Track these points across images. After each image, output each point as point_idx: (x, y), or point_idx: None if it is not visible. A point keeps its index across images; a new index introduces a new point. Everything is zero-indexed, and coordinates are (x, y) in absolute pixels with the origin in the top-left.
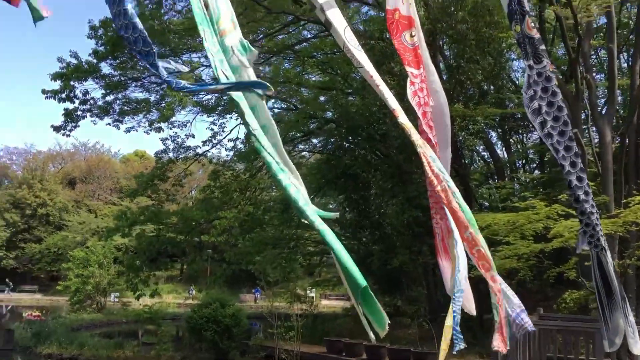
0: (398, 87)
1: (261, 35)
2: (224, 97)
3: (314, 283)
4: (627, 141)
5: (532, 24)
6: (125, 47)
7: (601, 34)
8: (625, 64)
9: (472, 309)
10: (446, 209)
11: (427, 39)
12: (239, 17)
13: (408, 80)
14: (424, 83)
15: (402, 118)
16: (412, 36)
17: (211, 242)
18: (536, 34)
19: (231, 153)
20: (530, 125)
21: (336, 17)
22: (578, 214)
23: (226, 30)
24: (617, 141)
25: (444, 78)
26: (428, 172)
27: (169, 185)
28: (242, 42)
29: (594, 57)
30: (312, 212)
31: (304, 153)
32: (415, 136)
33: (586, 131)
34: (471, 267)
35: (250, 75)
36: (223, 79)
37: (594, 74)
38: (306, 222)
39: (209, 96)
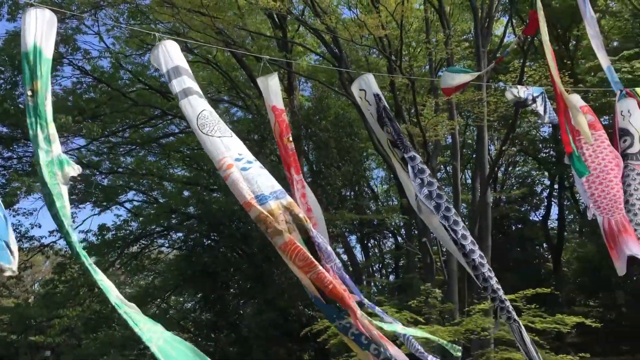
0: None
1: (126, 127)
2: (79, 186)
3: None
4: None
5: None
6: None
7: (448, 152)
8: (470, 180)
9: None
10: None
11: (294, 143)
12: (103, 107)
13: (294, 184)
14: (305, 188)
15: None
16: (290, 141)
17: (47, 343)
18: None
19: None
20: (386, 231)
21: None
22: (489, 294)
23: (55, 136)
24: None
25: (308, 181)
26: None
27: (3, 278)
28: (60, 158)
29: (442, 172)
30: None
31: (162, 248)
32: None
33: (434, 240)
34: None
35: (63, 192)
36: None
37: (442, 188)
38: None
39: None
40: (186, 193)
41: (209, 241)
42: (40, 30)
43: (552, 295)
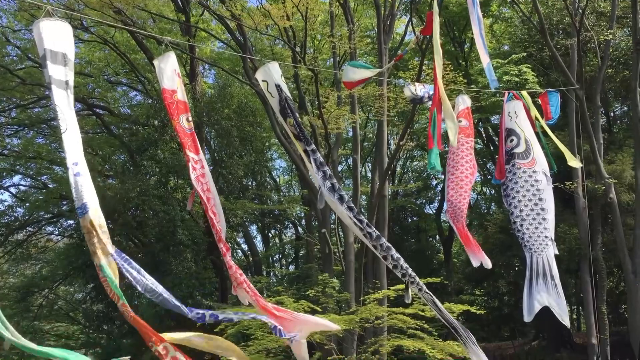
0: (160, 175)
1: (12, 106)
2: None
3: None
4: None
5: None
6: None
7: (349, 144)
8: (369, 173)
9: None
10: None
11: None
12: None
13: (190, 165)
14: (204, 169)
15: None
16: (188, 121)
17: None
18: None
19: None
20: (287, 222)
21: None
22: (399, 271)
23: None
24: (358, 242)
25: (210, 169)
26: None
27: None
28: None
29: (344, 164)
30: None
31: (52, 236)
32: None
33: (334, 232)
34: None
35: None
36: None
37: (342, 180)
38: None
39: None
40: None
41: None
42: None
43: (442, 285)
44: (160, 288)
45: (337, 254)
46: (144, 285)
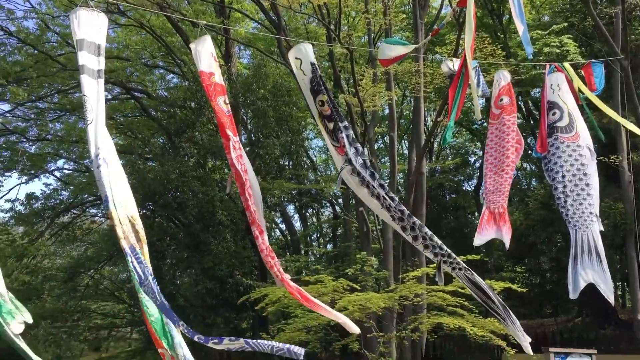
0: (198, 156)
1: (54, 91)
2: (4, 153)
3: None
4: None
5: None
6: None
7: (386, 122)
8: (406, 151)
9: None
10: None
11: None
12: (29, 70)
13: (230, 145)
14: (242, 150)
15: None
16: (225, 103)
17: None
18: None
19: (8, 215)
20: (324, 201)
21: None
22: (431, 251)
23: None
24: None
25: (246, 150)
26: None
27: None
28: None
29: (380, 142)
30: None
31: (95, 218)
32: None
33: (371, 210)
34: None
35: None
36: None
37: (379, 158)
38: None
39: None
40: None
41: (145, 211)
42: None
43: (482, 262)
44: (160, 295)
45: (375, 232)
46: (147, 286)
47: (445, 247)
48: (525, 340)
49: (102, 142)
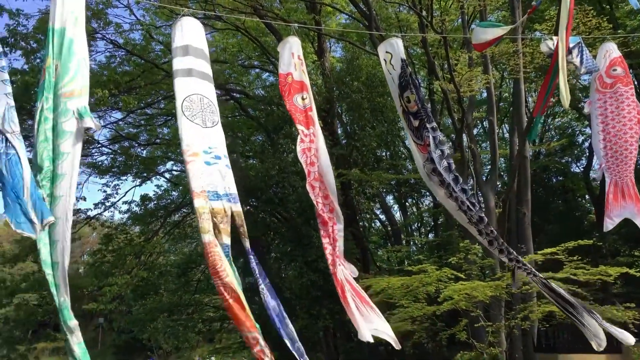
0: (296, 151)
1: (160, 98)
2: (119, 159)
3: (214, 350)
4: (508, 206)
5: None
6: None
7: (485, 107)
8: (507, 135)
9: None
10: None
11: (325, 106)
12: (137, 79)
13: (298, 138)
14: (313, 143)
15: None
16: (303, 99)
17: (100, 310)
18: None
19: (125, 216)
20: (424, 190)
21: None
22: (506, 256)
23: (73, 93)
24: (499, 206)
25: (343, 143)
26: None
27: None
28: (83, 109)
29: (479, 127)
30: None
31: None
32: None
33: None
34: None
35: (77, 149)
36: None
37: (478, 144)
38: None
39: (103, 157)
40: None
41: (248, 207)
42: (67, 8)
43: (595, 247)
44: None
45: None
46: (264, 280)
47: (516, 254)
48: (600, 347)
49: (190, 139)
